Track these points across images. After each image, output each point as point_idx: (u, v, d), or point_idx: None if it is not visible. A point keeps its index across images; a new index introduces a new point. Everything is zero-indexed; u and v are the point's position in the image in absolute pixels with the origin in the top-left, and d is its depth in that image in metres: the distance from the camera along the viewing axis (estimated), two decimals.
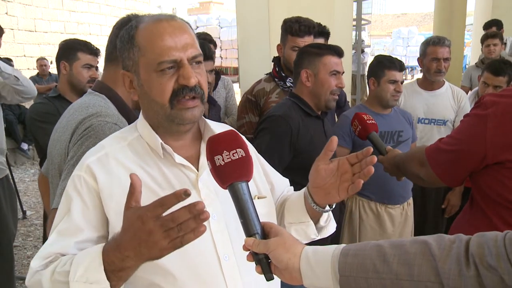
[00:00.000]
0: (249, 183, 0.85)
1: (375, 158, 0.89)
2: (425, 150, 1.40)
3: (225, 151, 0.84)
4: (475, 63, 4.28)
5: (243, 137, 0.96)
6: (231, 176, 0.83)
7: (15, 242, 3.85)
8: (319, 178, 0.97)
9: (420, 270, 0.74)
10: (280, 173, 1.81)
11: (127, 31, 0.98)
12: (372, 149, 0.90)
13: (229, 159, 0.84)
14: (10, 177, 2.96)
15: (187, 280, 0.93)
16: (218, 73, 3.12)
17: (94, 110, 1.31)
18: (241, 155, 0.85)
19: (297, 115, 1.85)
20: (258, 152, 1.79)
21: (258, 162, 1.21)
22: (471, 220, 1.36)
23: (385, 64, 2.24)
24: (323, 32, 2.66)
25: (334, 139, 0.95)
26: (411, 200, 2.39)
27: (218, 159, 0.84)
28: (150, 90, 0.95)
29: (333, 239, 2.54)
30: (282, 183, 1.29)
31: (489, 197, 1.26)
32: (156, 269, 0.92)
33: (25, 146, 6.67)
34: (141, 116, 1.04)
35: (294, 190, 1.84)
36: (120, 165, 0.96)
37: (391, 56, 2.34)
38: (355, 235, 2.31)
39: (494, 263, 0.70)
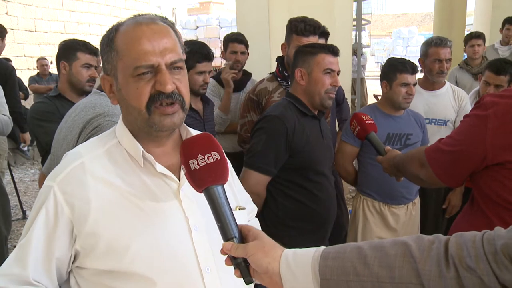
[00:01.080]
0: (229, 194, 0.84)
1: None
2: (425, 150, 1.39)
3: (199, 155, 0.83)
4: (459, 65, 4.26)
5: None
6: (207, 180, 0.82)
7: (15, 242, 3.86)
8: None
9: (401, 272, 0.73)
10: (277, 173, 1.83)
11: (107, 33, 0.96)
12: None
13: (204, 163, 0.82)
14: (9, 178, 3.00)
15: None
16: (249, 74, 3.13)
17: (101, 110, 1.32)
18: (216, 158, 0.84)
19: (293, 115, 1.85)
20: (255, 152, 1.81)
21: (235, 177, 1.21)
22: (471, 220, 1.36)
23: (397, 68, 2.24)
24: (323, 32, 2.66)
25: None
26: (417, 200, 2.40)
27: (193, 163, 0.82)
28: (127, 95, 0.93)
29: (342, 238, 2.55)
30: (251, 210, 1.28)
31: (489, 197, 1.26)
32: (137, 280, 0.91)
33: (25, 146, 6.66)
34: (120, 121, 1.01)
35: (293, 190, 1.87)
36: (97, 176, 0.94)
37: (403, 59, 2.33)
38: (361, 233, 2.33)
39: (473, 264, 0.69)
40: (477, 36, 4.15)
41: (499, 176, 1.20)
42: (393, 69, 2.25)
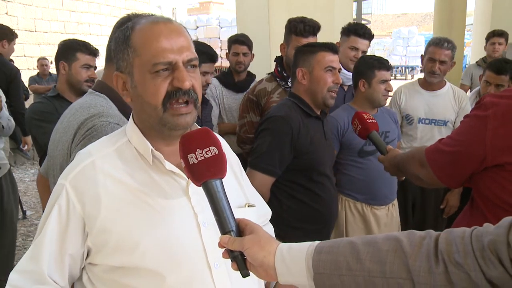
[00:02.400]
0: (238, 191, 0.83)
1: None
2: (425, 150, 1.39)
3: (198, 149, 0.84)
4: (476, 62, 4.24)
5: (218, 135, 0.95)
6: (205, 174, 0.83)
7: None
8: None
9: (392, 267, 0.74)
10: (281, 174, 1.82)
11: (122, 32, 0.97)
12: None
13: (202, 157, 0.83)
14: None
15: (177, 287, 0.93)
16: (252, 75, 3.12)
17: (96, 110, 1.31)
18: (215, 153, 0.85)
19: (297, 115, 1.85)
20: (260, 153, 1.80)
21: (245, 175, 1.21)
22: (471, 222, 1.35)
23: (375, 65, 2.22)
24: (370, 34, 2.63)
25: None
26: (395, 201, 2.38)
27: (192, 157, 0.83)
28: (143, 91, 0.94)
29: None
30: (265, 213, 1.29)
31: (489, 199, 1.25)
32: (147, 275, 0.92)
33: (25, 146, 6.66)
34: (131, 120, 1.02)
35: (297, 191, 1.86)
36: (107, 174, 0.95)
37: (377, 56, 2.33)
38: (342, 235, 2.29)
39: (461, 260, 0.70)
40: (500, 34, 4.10)
41: (498, 178, 1.19)
42: (371, 66, 2.23)
